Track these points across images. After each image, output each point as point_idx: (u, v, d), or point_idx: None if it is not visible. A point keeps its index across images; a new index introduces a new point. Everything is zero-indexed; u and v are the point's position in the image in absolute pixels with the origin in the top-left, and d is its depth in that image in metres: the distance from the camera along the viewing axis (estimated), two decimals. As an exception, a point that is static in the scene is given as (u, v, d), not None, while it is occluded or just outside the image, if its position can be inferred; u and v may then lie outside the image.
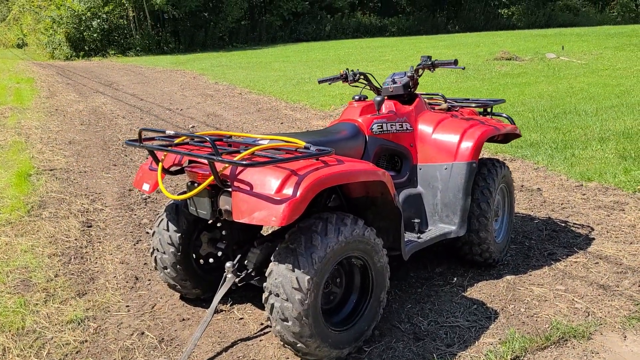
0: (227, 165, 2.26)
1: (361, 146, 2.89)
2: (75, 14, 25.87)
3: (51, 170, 5.52)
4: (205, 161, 2.39)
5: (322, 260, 2.17)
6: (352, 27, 28.74)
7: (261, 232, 3.06)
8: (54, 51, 26.74)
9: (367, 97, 3.15)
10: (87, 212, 4.38)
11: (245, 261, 2.65)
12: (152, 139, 2.63)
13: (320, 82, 3.45)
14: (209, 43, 27.07)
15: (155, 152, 2.54)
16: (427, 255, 3.30)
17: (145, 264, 3.46)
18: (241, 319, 2.78)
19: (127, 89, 12.65)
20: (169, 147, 2.47)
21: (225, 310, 2.86)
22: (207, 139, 2.20)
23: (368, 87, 3.34)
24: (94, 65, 21.13)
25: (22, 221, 4.09)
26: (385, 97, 3.13)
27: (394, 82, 3.21)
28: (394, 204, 2.50)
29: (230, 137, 2.67)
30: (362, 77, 3.31)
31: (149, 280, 3.24)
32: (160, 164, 2.53)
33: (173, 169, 2.62)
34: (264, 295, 2.25)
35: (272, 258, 2.27)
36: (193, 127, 8.00)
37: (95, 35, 26.04)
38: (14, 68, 18.83)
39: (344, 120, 3.04)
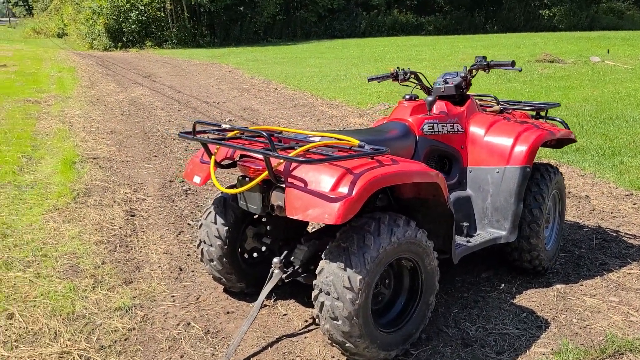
0: (281, 160, 2.25)
1: (412, 146, 2.85)
2: (115, 5, 26.33)
3: (95, 158, 5.63)
4: (259, 156, 2.39)
5: (375, 260, 2.15)
6: (387, 24, 28.51)
7: (307, 228, 3.05)
8: (93, 41, 27.27)
9: (417, 97, 3.10)
10: (130, 201, 4.45)
11: (292, 257, 2.64)
12: (204, 131, 2.64)
13: (370, 80, 3.42)
14: (244, 37, 27.22)
15: (209, 145, 2.55)
16: (472, 260, 3.24)
17: (188, 255, 3.49)
18: (285, 314, 2.78)
19: (164, 80, 12.82)
20: (223, 141, 2.48)
21: (269, 306, 2.86)
22: (264, 134, 2.19)
23: (418, 86, 3.28)
24: (131, 56, 21.48)
25: (69, 208, 4.17)
26: (437, 97, 3.08)
27: (445, 82, 3.15)
28: (447, 206, 2.45)
29: (281, 132, 2.66)
30: (412, 76, 3.26)
31: (193, 271, 3.26)
32: (212, 157, 2.54)
33: (225, 162, 2.63)
34: (314, 293, 2.24)
35: (322, 256, 2.26)
36: (230, 120, 8.05)
37: (133, 26, 26.43)
38: (55, 57, 19.30)
39: (394, 120, 3.00)
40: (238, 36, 27.16)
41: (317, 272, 2.25)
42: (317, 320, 2.27)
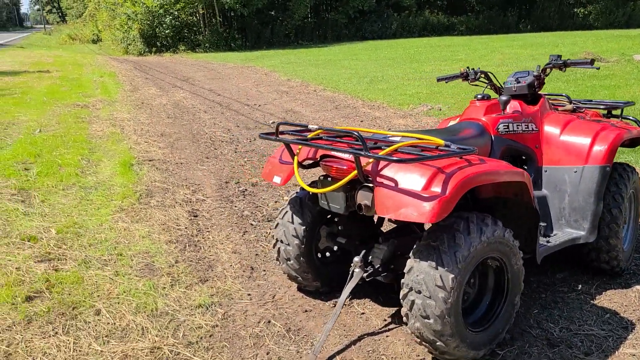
0: (370, 160, 2.28)
1: (488, 146, 2.85)
2: (149, 11, 26.84)
3: (150, 160, 5.76)
4: (344, 155, 2.43)
5: (466, 259, 2.16)
6: (419, 25, 28.39)
7: (380, 228, 3.07)
8: (128, 47, 27.85)
9: (489, 97, 3.09)
10: (190, 202, 4.54)
11: (370, 257, 2.67)
12: (281, 132, 2.68)
13: (439, 80, 3.43)
14: (275, 40, 27.45)
15: (291, 145, 2.59)
16: (546, 261, 3.21)
17: (256, 254, 3.55)
18: (362, 314, 2.80)
19: (203, 84, 13.02)
20: (306, 141, 2.52)
21: (345, 305, 2.89)
22: (356, 134, 2.22)
23: (489, 86, 3.28)
24: (166, 60, 21.86)
25: (134, 208, 4.28)
26: (511, 97, 3.07)
27: (517, 81, 3.14)
28: (532, 205, 2.45)
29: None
30: (482, 75, 3.26)
31: (264, 270, 3.32)
32: (295, 157, 2.58)
33: (306, 162, 2.67)
34: (402, 292, 2.26)
35: (411, 255, 2.28)
36: (273, 122, 8.12)
37: (167, 31, 26.90)
38: (94, 62, 19.78)
39: (467, 120, 3.00)
40: (269, 39, 27.41)
41: (405, 271, 2.27)
42: (405, 318, 2.28)
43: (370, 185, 2.34)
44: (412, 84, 11.14)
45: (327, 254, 3.06)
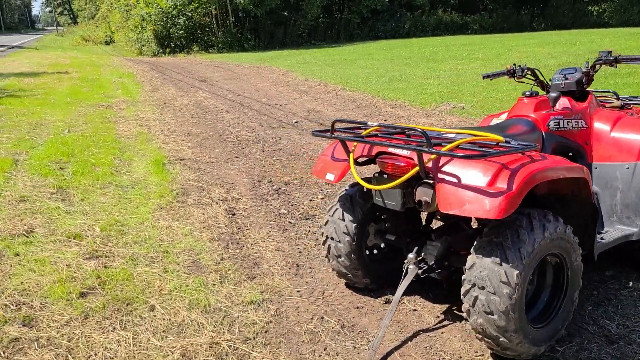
0: (432, 156, 2.29)
1: (539, 142, 2.85)
2: (163, 11, 26.98)
3: (181, 159, 5.80)
4: (402, 152, 2.44)
5: (530, 255, 2.16)
6: (432, 24, 28.32)
7: (430, 225, 3.08)
8: (142, 47, 28.01)
9: (537, 93, 3.09)
10: (226, 200, 4.57)
11: (423, 254, 2.67)
12: (332, 129, 2.70)
13: (484, 77, 3.44)
14: (287, 41, 27.49)
15: (347, 142, 2.61)
16: (591, 258, 3.20)
17: (300, 252, 3.57)
18: (415, 310, 2.82)
19: (221, 84, 13.08)
20: (361, 138, 2.53)
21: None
22: (420, 131, 2.24)
23: (535, 83, 3.28)
24: (180, 61, 21.97)
25: (173, 207, 4.32)
26: (560, 94, 3.07)
27: (565, 78, 3.13)
28: (591, 202, 2.45)
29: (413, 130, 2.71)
30: (529, 72, 3.26)
31: (310, 268, 3.34)
32: (351, 154, 2.60)
33: (361, 159, 2.69)
34: (464, 288, 2.27)
35: (472, 251, 2.28)
36: (297, 122, 8.15)
37: (180, 32, 27.04)
38: (110, 63, 19.93)
39: (517, 117, 3.00)
40: (282, 40, 27.47)
41: (466, 267, 2.28)
42: (465, 314, 2.29)
43: (430, 181, 2.35)
44: (431, 83, 11.12)
45: (375, 251, 3.08)
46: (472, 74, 12.03)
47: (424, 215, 3.17)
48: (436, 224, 3.18)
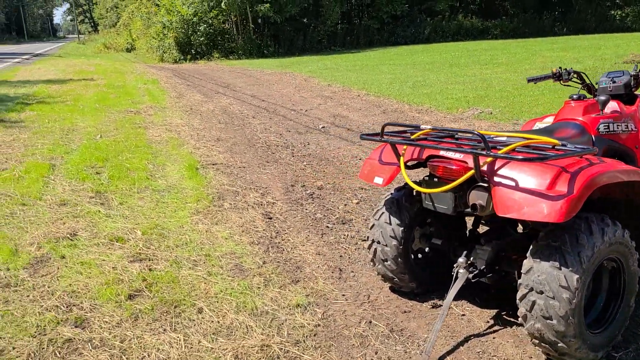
0: (487, 159, 2.28)
1: (589, 146, 2.81)
2: (184, 19, 27.30)
3: (214, 164, 5.85)
4: (454, 155, 2.43)
5: (590, 259, 2.14)
6: (452, 29, 28.22)
7: (477, 230, 3.05)
8: (163, 54, 28.35)
9: (585, 96, 3.06)
10: (261, 205, 4.59)
11: (472, 258, 2.66)
12: (382, 133, 2.70)
13: (529, 80, 3.42)
14: (307, 47, 27.60)
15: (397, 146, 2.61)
16: None
17: (340, 256, 3.57)
18: (463, 315, 2.80)
19: (244, 90, 13.17)
20: (412, 141, 2.53)
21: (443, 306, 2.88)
22: (477, 133, 2.23)
23: (582, 86, 3.25)
24: (202, 67, 22.17)
25: (210, 211, 4.36)
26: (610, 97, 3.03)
27: (613, 81, 3.10)
28: (647, 206, 2.41)
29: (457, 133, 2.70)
30: (575, 75, 3.23)
31: (352, 272, 3.34)
32: (401, 158, 2.60)
33: (410, 163, 2.68)
34: (521, 292, 2.25)
35: (529, 255, 2.27)
36: (323, 127, 8.17)
37: (201, 39, 27.32)
38: (134, 70, 20.19)
39: (565, 120, 2.97)
40: (302, 46, 27.58)
41: (523, 271, 2.26)
42: (521, 319, 2.27)
43: (485, 185, 2.34)
44: (456, 88, 11.07)
45: (419, 255, 3.07)
46: (497, 79, 11.95)
47: (468, 220, 3.15)
48: (481, 227, 3.16)
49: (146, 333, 2.66)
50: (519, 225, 2.98)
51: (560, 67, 3.30)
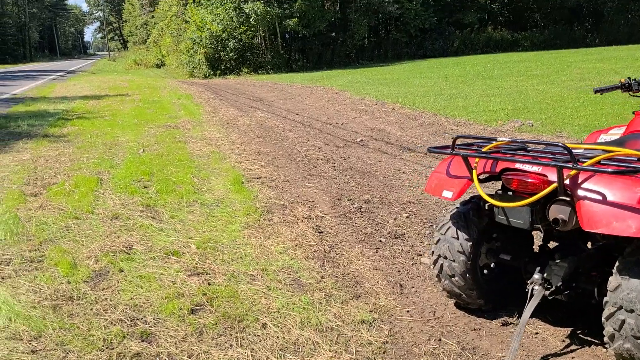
0: (572, 172, 2.21)
1: (665, 159, 2.71)
2: (213, 35, 27.74)
3: (258, 178, 5.86)
4: (531, 169, 2.36)
5: (683, 277, 2.04)
6: (481, 42, 28.07)
7: (547, 244, 2.96)
8: (193, 70, 28.82)
9: (657, 108, 2.96)
10: (310, 218, 4.56)
11: (546, 274, 2.57)
12: (453, 146, 2.65)
13: (596, 91, 3.33)
14: (335, 61, 27.76)
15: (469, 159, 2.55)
16: None
17: (398, 271, 3.51)
18: (536, 333, 2.70)
19: (277, 104, 13.25)
20: (486, 154, 2.48)
21: (514, 324, 2.79)
22: (561, 145, 2.16)
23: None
24: (232, 82, 22.45)
25: (261, 225, 4.35)
26: (685, 108, 2.93)
27: (686, 91, 2.99)
28: None
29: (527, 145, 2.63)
30: (646, 86, 3.13)
31: (413, 287, 3.27)
32: (474, 171, 2.54)
33: (482, 176, 2.62)
34: (607, 311, 2.16)
35: (615, 271, 2.18)
36: (361, 140, 8.14)
37: (230, 54, 27.71)
38: (166, 85, 20.54)
39: (637, 132, 2.87)
40: (330, 60, 27.75)
41: (610, 289, 2.17)
42: (607, 338, 2.18)
43: (566, 199, 2.26)
44: (492, 100, 10.94)
45: (485, 271, 2.99)
46: (534, 90, 11.78)
47: (541, 235, 3.06)
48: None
49: (213, 348, 2.63)
50: (589, 240, 2.88)
51: (629, 78, 3.21)
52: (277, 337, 2.72)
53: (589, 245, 2.91)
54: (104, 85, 20.28)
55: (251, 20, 25.74)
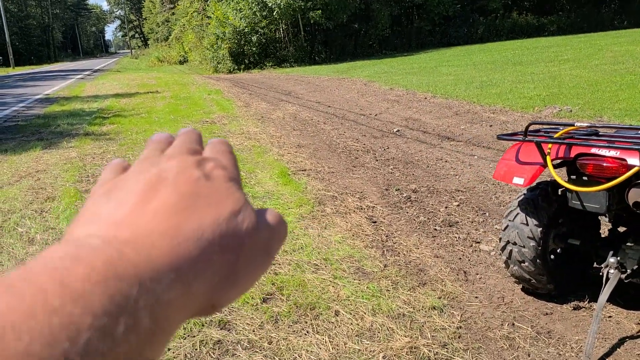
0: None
1: None
2: (236, 30, 27.89)
3: (303, 170, 5.94)
4: (608, 153, 2.38)
5: None
6: (506, 28, 27.68)
7: (617, 229, 2.97)
8: (217, 65, 29.04)
9: None
10: (362, 209, 4.62)
11: (620, 258, 2.59)
12: (526, 132, 2.67)
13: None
14: (358, 52, 27.68)
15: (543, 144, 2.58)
16: None
17: (459, 258, 3.55)
18: (610, 317, 2.73)
19: (307, 97, 13.30)
20: (559, 140, 2.50)
21: (585, 308, 2.82)
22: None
23: None
24: (257, 76, 22.55)
25: (315, 216, 4.42)
26: None
27: None
28: None
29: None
30: None
31: (477, 274, 3.31)
32: (548, 157, 2.57)
33: (555, 162, 2.65)
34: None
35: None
36: (398, 130, 8.15)
37: (254, 49, 27.84)
38: (193, 82, 20.75)
39: None
40: (353, 51, 27.69)
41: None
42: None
43: (645, 182, 2.28)
44: (526, 87, 10.82)
45: (552, 256, 3.01)
46: (568, 75, 11.61)
47: (602, 220, 3.07)
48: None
49: (290, 335, 2.72)
50: None
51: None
52: (352, 323, 2.79)
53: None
54: (133, 83, 20.56)
55: (274, 13, 25.78)
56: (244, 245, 0.31)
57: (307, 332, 2.74)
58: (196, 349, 2.64)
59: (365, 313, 2.87)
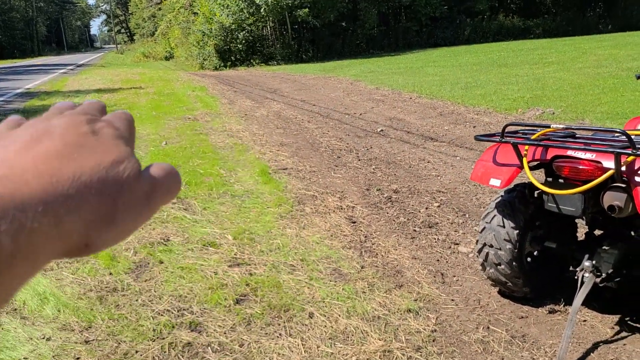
0: (629, 159, 2.20)
1: None
2: (223, 27, 27.69)
3: (284, 169, 5.87)
4: (583, 156, 2.36)
5: None
6: (493, 30, 27.83)
7: (593, 232, 2.96)
8: (203, 62, 28.80)
9: None
10: (342, 209, 4.57)
11: (595, 261, 2.57)
12: (503, 134, 2.64)
13: (638, 77, 3.29)
14: (345, 51, 27.64)
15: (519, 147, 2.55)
16: None
17: (437, 260, 3.52)
18: (585, 321, 2.71)
19: (292, 95, 13.23)
20: (536, 141, 2.47)
21: (561, 311, 2.80)
22: (619, 131, 2.15)
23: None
24: (243, 74, 22.42)
25: (294, 215, 4.37)
26: None
27: None
28: None
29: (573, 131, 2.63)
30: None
31: (454, 276, 3.28)
32: (524, 158, 2.54)
33: (532, 164, 2.62)
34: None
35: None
36: (382, 130, 8.13)
37: (240, 46, 27.66)
38: (178, 78, 20.55)
39: (685, 118, 2.85)
40: (340, 50, 27.64)
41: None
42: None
43: (622, 185, 2.26)
44: (511, 89, 10.87)
45: (528, 259, 2.99)
46: (552, 78, 11.69)
47: (579, 222, 3.05)
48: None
49: (262, 337, 2.66)
50: (632, 229, 2.87)
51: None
52: (325, 326, 2.74)
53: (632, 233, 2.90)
54: (116, 79, 20.30)
55: (262, 11, 25.65)
56: (123, 191, 0.33)
57: (280, 334, 2.69)
58: (165, 352, 2.57)
59: (339, 315, 2.83)
